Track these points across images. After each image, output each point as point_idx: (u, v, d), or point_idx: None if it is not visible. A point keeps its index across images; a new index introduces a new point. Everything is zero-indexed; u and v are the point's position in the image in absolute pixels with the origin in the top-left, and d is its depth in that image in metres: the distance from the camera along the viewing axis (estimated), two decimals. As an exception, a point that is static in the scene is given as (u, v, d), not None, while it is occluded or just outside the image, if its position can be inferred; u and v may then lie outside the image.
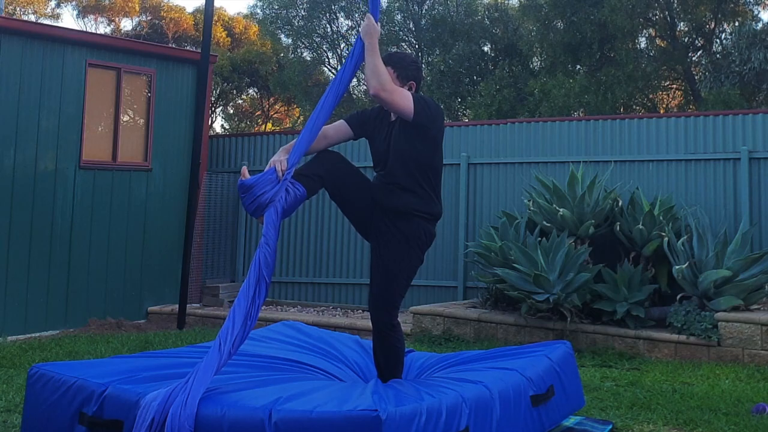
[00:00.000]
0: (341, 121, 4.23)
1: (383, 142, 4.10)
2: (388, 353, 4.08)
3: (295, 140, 4.01)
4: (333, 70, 20.01)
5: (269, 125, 24.20)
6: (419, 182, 4.01)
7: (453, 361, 4.51)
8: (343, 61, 4.19)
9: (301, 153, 3.91)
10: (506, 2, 19.17)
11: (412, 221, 4.00)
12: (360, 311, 9.68)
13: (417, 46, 18.66)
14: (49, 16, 25.26)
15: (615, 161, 8.91)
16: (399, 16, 18.69)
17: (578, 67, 15.94)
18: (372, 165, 4.22)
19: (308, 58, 19.54)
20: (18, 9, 24.32)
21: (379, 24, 4.06)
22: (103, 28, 25.58)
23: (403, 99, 3.92)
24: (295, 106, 22.52)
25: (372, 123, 4.19)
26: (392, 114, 4.08)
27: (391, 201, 4.00)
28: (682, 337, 7.16)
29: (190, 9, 35.45)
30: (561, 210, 7.99)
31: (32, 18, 24.25)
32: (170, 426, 3.14)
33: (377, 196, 4.05)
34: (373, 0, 4.09)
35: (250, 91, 22.45)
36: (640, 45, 16.66)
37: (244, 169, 4.01)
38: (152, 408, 3.22)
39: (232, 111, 24.48)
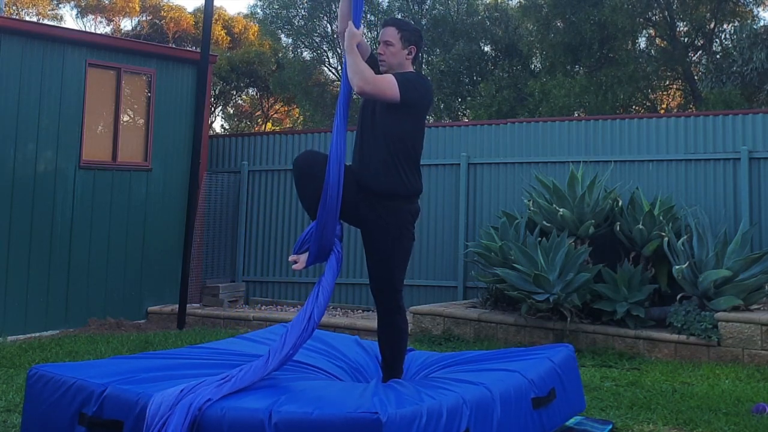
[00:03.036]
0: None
1: (369, 111, 4.10)
2: (393, 337, 4.11)
3: None
4: (333, 70, 20.02)
5: (269, 125, 24.19)
6: (400, 159, 4.00)
7: (453, 361, 4.51)
8: (343, 61, 4.17)
9: (337, 207, 3.93)
10: (506, 2, 19.16)
11: (398, 209, 4.01)
12: (360, 311, 9.68)
13: (417, 46, 18.63)
14: (52, 17, 25.24)
15: (615, 161, 8.90)
16: (399, 16, 18.68)
17: (578, 67, 15.93)
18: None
19: (308, 58, 19.55)
20: (21, 10, 24.29)
21: (360, 29, 4.11)
22: (103, 28, 25.60)
23: (389, 86, 3.93)
24: (295, 106, 22.51)
25: None
26: None
27: (375, 181, 3.99)
28: (682, 337, 7.16)
29: (190, 9, 35.50)
30: (561, 210, 7.99)
31: (34, 18, 24.22)
32: (190, 399, 3.25)
33: (360, 176, 4.03)
34: (356, 9, 4.13)
35: (250, 91, 22.43)
36: (640, 45, 16.66)
37: (296, 265, 4.10)
38: (171, 395, 3.29)
39: (232, 111, 24.47)
